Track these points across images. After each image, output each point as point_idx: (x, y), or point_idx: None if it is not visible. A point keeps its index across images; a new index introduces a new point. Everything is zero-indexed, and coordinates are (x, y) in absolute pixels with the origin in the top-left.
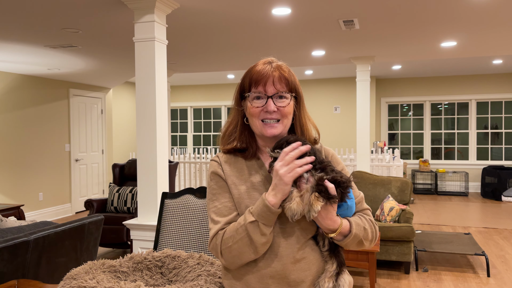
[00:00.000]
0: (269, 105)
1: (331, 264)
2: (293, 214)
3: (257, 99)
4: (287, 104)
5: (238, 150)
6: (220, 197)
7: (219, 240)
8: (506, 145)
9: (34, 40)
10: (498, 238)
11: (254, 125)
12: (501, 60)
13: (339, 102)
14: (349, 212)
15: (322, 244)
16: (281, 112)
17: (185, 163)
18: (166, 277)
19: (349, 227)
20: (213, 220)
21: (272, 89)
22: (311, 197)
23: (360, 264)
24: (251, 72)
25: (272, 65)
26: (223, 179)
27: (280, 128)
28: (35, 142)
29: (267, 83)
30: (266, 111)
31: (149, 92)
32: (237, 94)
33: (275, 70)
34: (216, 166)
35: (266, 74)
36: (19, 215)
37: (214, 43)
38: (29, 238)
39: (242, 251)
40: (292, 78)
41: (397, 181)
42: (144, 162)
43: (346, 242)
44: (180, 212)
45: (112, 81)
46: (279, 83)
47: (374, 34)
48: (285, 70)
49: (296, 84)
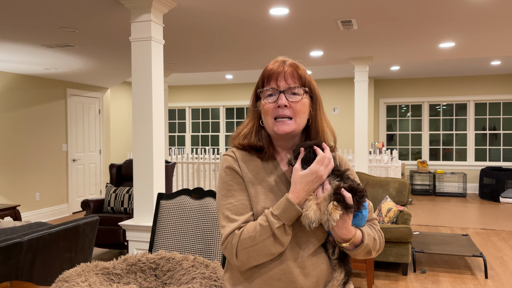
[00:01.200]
0: (280, 98)
1: (340, 273)
2: (311, 222)
3: (270, 96)
4: (299, 100)
5: (254, 148)
6: (237, 194)
7: (235, 240)
8: (504, 146)
9: (31, 40)
10: (496, 240)
11: (267, 125)
12: (499, 61)
13: (338, 102)
14: (362, 222)
15: (331, 252)
16: (293, 108)
17: (183, 163)
18: (160, 279)
19: (361, 237)
20: (227, 217)
21: (284, 83)
22: (330, 206)
23: (358, 266)
24: (264, 70)
25: (285, 62)
26: (240, 176)
27: (292, 126)
28: (32, 142)
29: (279, 78)
30: (278, 107)
31: (146, 92)
32: (253, 95)
33: (288, 67)
34: (231, 161)
35: (278, 70)
36: (15, 216)
37: (212, 43)
38: (22, 239)
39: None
40: (305, 75)
41: (395, 182)
42: (140, 163)
43: (356, 252)
44: (176, 213)
45: (110, 81)
46: (291, 78)
47: (372, 35)
48: (298, 67)
49: (311, 82)
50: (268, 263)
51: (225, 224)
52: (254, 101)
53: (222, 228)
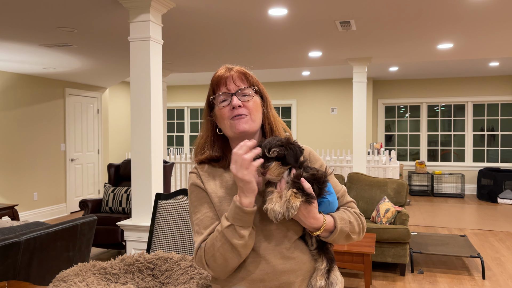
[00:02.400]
0: (233, 100)
1: (321, 261)
2: (276, 214)
3: (223, 102)
4: (250, 99)
5: (213, 159)
6: (201, 208)
7: (202, 251)
8: (502, 147)
9: (29, 39)
10: (494, 240)
11: (225, 128)
12: (497, 62)
13: (336, 103)
14: (332, 207)
15: (310, 243)
16: (247, 107)
17: (181, 163)
18: (158, 279)
19: (333, 223)
20: (197, 232)
21: (234, 86)
22: (288, 193)
23: (356, 266)
24: (212, 78)
25: (232, 68)
26: (203, 189)
27: (249, 123)
28: (30, 142)
29: (227, 82)
30: (232, 108)
31: (144, 92)
32: (205, 106)
33: (234, 71)
34: (194, 178)
35: (225, 75)
36: (13, 215)
37: (210, 43)
38: (20, 239)
39: (225, 257)
40: (252, 77)
41: (393, 182)
42: (138, 163)
43: (332, 238)
44: (174, 213)
45: (108, 80)
46: (239, 80)
47: (371, 36)
48: (244, 70)
49: (258, 84)
50: (248, 265)
51: (195, 239)
52: (208, 112)
53: (195, 244)
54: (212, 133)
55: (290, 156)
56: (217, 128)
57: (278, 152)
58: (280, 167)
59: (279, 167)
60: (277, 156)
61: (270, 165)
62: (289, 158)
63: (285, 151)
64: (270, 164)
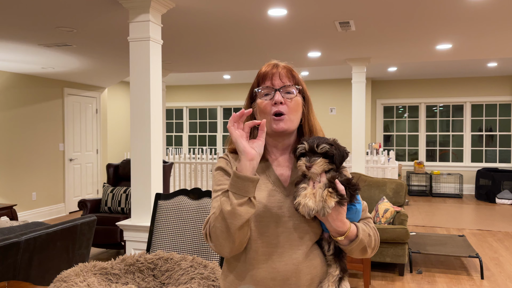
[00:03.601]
0: (276, 95)
1: (335, 268)
2: (310, 210)
3: (266, 95)
4: (293, 97)
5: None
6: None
7: (208, 224)
8: (500, 147)
9: (28, 39)
10: (492, 240)
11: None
12: (496, 63)
13: (335, 103)
14: (357, 216)
15: (327, 248)
16: (288, 106)
17: (180, 163)
18: (159, 279)
19: (356, 232)
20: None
21: (279, 82)
22: (324, 193)
23: (355, 266)
24: (259, 72)
25: (279, 64)
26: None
27: (288, 123)
28: (28, 142)
29: (273, 77)
30: (274, 103)
31: (144, 92)
32: (247, 97)
33: (281, 68)
34: (224, 163)
35: (272, 71)
36: (12, 215)
37: (210, 44)
38: (20, 239)
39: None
40: (298, 76)
41: (392, 183)
42: (137, 163)
43: (351, 247)
44: (174, 213)
45: (107, 80)
46: (285, 77)
47: (370, 36)
48: (291, 68)
49: (303, 83)
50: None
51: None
52: (249, 103)
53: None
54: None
55: (338, 156)
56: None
57: (328, 149)
58: (326, 164)
59: (325, 164)
60: (326, 153)
61: (317, 159)
62: (337, 157)
63: (334, 150)
64: (316, 159)
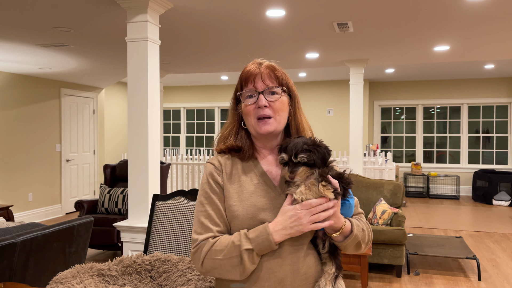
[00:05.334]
0: (260, 100)
1: (331, 266)
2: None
3: (249, 98)
4: (278, 98)
5: (234, 149)
6: (214, 201)
7: (207, 248)
8: (497, 149)
9: (25, 39)
10: (489, 242)
11: (249, 125)
12: (493, 64)
13: (332, 104)
14: (350, 211)
15: (322, 246)
16: (273, 107)
17: (177, 164)
18: (156, 281)
19: (350, 227)
20: (202, 224)
21: (262, 84)
22: (320, 187)
23: (352, 267)
24: (242, 73)
25: (261, 64)
26: (220, 184)
27: (274, 125)
28: (25, 142)
29: (256, 79)
30: (258, 107)
31: (141, 92)
32: (233, 98)
33: (264, 68)
34: (213, 169)
35: (254, 72)
36: (8, 216)
37: (208, 44)
38: (16, 240)
39: (227, 269)
40: (282, 75)
41: (389, 184)
42: (135, 164)
43: (346, 243)
44: (171, 214)
45: (105, 81)
46: (268, 79)
47: (368, 37)
48: (275, 67)
49: (288, 81)
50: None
51: (200, 231)
52: (235, 104)
53: (195, 234)
54: (238, 124)
55: (318, 159)
56: (242, 121)
57: (307, 159)
58: (308, 170)
59: (307, 171)
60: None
61: (298, 170)
62: (317, 161)
63: (313, 156)
64: (297, 170)
